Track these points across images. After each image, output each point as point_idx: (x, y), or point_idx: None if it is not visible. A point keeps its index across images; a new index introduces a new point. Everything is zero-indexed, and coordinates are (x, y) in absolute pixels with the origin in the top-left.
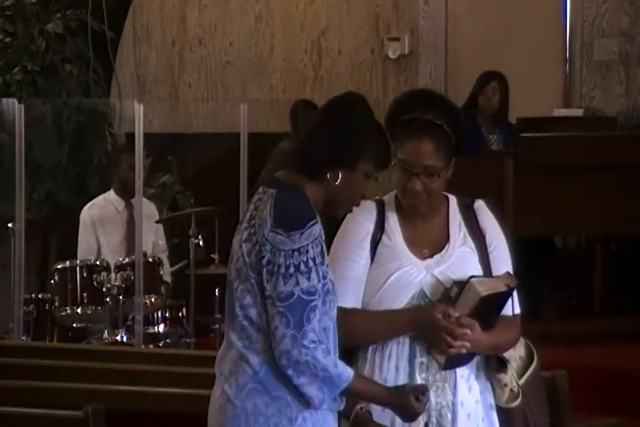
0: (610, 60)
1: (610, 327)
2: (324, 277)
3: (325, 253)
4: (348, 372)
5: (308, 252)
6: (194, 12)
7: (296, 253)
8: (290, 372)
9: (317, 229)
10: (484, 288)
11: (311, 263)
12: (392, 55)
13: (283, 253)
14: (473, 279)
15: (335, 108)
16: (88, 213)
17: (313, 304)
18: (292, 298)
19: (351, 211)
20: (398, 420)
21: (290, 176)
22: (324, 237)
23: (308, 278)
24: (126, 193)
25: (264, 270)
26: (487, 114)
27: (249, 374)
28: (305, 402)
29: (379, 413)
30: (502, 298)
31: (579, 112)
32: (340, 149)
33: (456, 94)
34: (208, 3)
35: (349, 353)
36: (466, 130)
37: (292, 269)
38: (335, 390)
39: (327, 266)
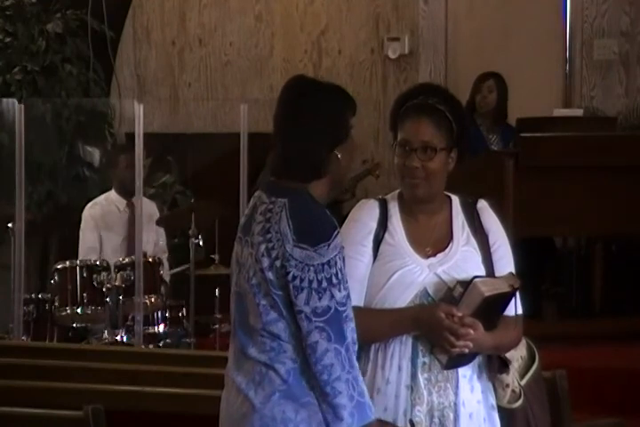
0: (610, 60)
1: (610, 327)
2: (346, 282)
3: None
4: (373, 407)
5: (336, 263)
6: (194, 12)
7: (326, 266)
8: (328, 389)
9: (340, 238)
10: (488, 288)
11: (340, 274)
12: (392, 55)
13: (312, 267)
14: (476, 279)
15: (298, 101)
16: (90, 211)
17: (345, 315)
18: (329, 312)
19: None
20: (400, 420)
21: (289, 181)
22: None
23: (339, 289)
24: (126, 193)
25: (290, 285)
26: (484, 112)
27: (277, 382)
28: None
29: (381, 412)
30: (505, 298)
31: (579, 112)
32: (330, 136)
33: (456, 94)
34: (208, 3)
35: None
36: (468, 125)
37: (324, 284)
38: (364, 419)
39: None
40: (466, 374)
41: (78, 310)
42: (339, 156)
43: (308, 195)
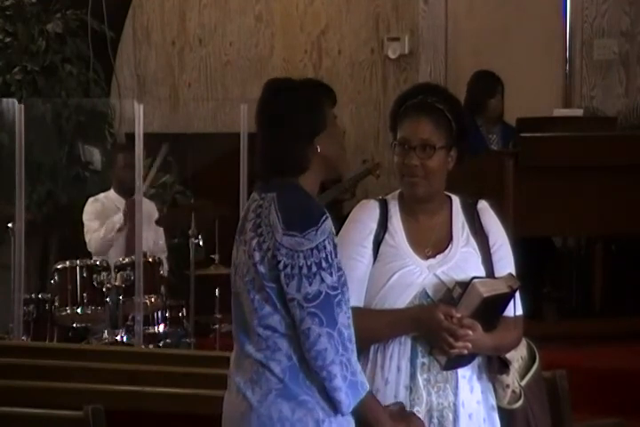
0: (610, 60)
1: (610, 327)
2: (340, 269)
3: (336, 245)
4: (366, 383)
5: (325, 247)
6: (194, 12)
7: (315, 251)
8: (324, 374)
9: (329, 223)
10: (487, 289)
11: (330, 258)
12: (392, 55)
13: (302, 253)
14: (475, 280)
15: (269, 101)
16: (93, 205)
17: (338, 299)
18: (320, 296)
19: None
20: None
21: (278, 178)
22: (334, 231)
23: (331, 274)
24: (125, 192)
25: (281, 275)
26: (493, 116)
27: (273, 381)
28: (332, 407)
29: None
30: (505, 299)
31: (579, 112)
32: (305, 128)
33: (456, 94)
34: (208, 3)
35: None
36: (469, 124)
37: (314, 268)
38: (357, 396)
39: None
40: (465, 374)
41: (78, 310)
42: (318, 147)
43: (297, 187)
